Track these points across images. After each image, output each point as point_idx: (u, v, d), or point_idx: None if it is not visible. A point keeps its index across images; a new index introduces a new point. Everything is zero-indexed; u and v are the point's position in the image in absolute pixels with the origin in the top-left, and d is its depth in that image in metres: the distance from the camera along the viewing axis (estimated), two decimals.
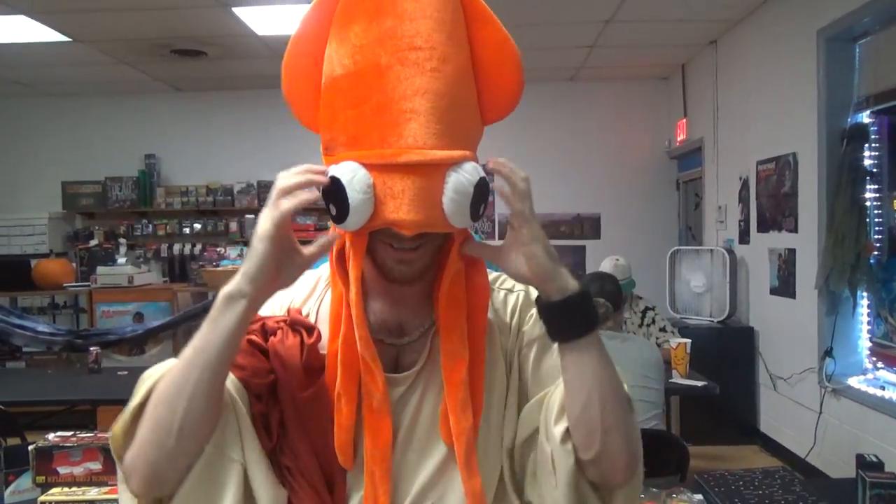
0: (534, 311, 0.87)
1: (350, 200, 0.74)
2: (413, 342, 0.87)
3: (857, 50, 3.54)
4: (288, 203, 0.73)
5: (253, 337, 0.84)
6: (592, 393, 0.77)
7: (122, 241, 5.81)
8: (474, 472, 0.80)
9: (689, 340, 3.22)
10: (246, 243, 6.16)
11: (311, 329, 0.86)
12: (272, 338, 0.85)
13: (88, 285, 5.21)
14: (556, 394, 0.82)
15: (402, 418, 0.84)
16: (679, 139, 5.91)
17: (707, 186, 5.39)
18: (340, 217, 0.76)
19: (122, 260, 5.35)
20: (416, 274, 0.83)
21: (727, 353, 4.45)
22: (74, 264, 5.70)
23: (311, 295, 0.94)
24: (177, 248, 6.34)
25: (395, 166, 0.74)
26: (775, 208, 4.17)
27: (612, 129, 6.27)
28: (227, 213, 6.39)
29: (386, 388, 0.82)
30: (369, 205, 0.75)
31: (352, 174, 0.74)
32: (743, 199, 4.66)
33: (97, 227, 6.40)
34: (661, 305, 4.80)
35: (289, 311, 0.90)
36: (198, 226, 6.39)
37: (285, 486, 0.79)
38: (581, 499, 0.79)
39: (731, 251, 4.72)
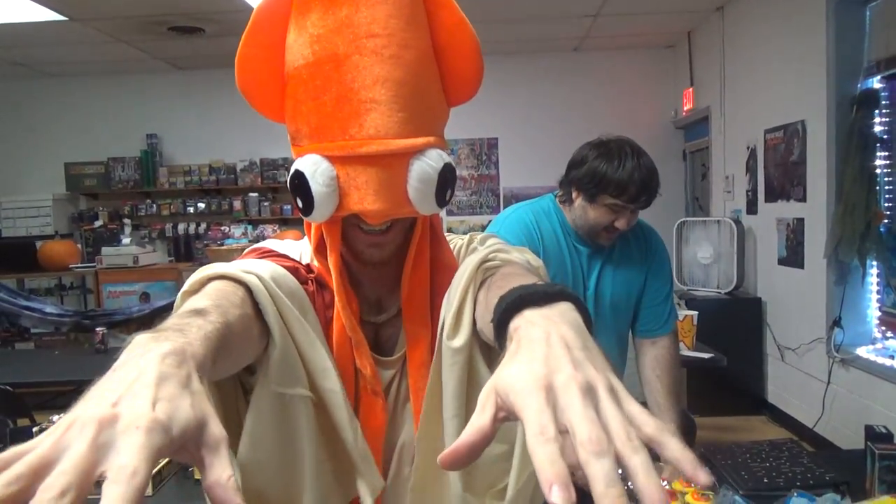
0: (470, 248, 0.89)
1: (314, 194, 0.75)
2: (390, 319, 0.88)
3: (868, 13, 3.45)
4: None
5: (299, 269, 0.84)
6: None
7: (127, 221, 5.81)
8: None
9: (695, 313, 3.19)
10: (250, 221, 6.16)
11: (327, 290, 0.86)
12: (305, 287, 0.85)
13: (94, 266, 5.23)
14: (450, 298, 0.78)
15: (389, 391, 0.87)
16: (686, 108, 5.83)
17: (714, 156, 5.32)
18: (307, 209, 0.77)
19: (126, 240, 5.36)
20: (387, 256, 0.84)
21: (735, 324, 4.43)
22: (80, 245, 5.71)
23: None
24: (181, 227, 6.34)
25: (358, 157, 0.74)
26: (783, 177, 4.11)
27: (617, 99, 6.19)
28: (230, 191, 6.37)
29: (376, 370, 0.83)
30: (333, 197, 0.75)
31: (314, 167, 0.75)
32: (751, 169, 4.60)
33: (101, 208, 6.40)
34: None
35: (309, 266, 0.89)
36: (202, 205, 6.38)
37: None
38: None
39: (738, 222, 4.67)
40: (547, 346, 0.47)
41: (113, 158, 6.36)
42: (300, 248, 0.94)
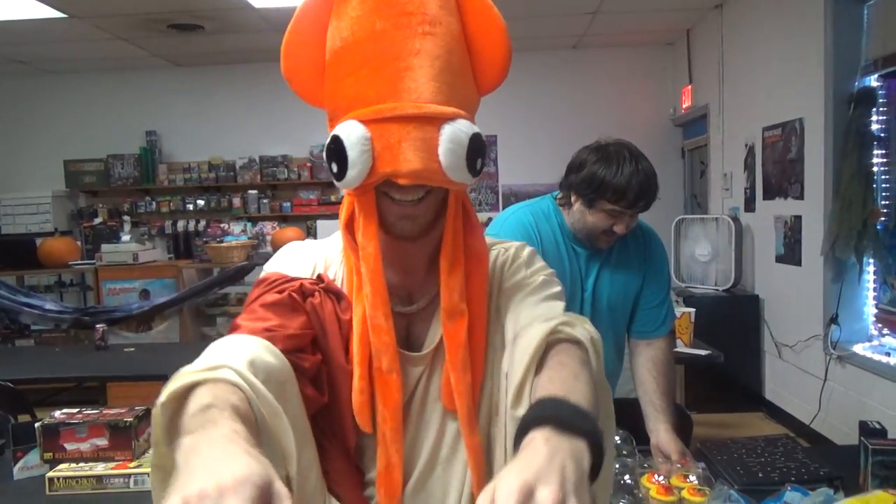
0: (516, 265, 0.92)
1: (348, 154, 0.77)
2: (422, 310, 0.90)
3: (866, 11, 3.46)
4: None
5: (294, 295, 0.85)
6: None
7: (127, 218, 5.82)
8: (474, 429, 0.83)
9: (692, 310, 3.21)
10: (249, 219, 6.17)
11: (340, 296, 0.88)
12: (311, 299, 0.87)
13: (94, 263, 5.23)
14: (516, 367, 0.79)
15: (417, 388, 0.88)
16: (684, 106, 5.84)
17: (712, 154, 5.34)
18: (341, 173, 0.79)
19: (126, 237, 5.36)
20: (419, 229, 0.85)
21: (733, 321, 4.45)
22: (79, 242, 5.72)
23: (318, 269, 0.95)
24: (181, 224, 6.35)
25: (392, 119, 0.77)
26: (781, 175, 4.12)
27: (616, 96, 6.19)
28: (229, 188, 6.38)
29: (396, 350, 0.83)
30: (367, 157, 0.77)
31: (349, 130, 0.77)
32: (749, 166, 4.61)
33: (101, 205, 6.41)
34: None
35: (320, 276, 0.92)
36: (201, 202, 6.39)
37: (318, 446, 0.82)
38: None
39: (736, 219, 4.68)
40: (546, 463, 0.54)
41: (112, 155, 6.36)
42: (320, 252, 0.95)
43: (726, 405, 4.44)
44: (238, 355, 0.72)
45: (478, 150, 0.79)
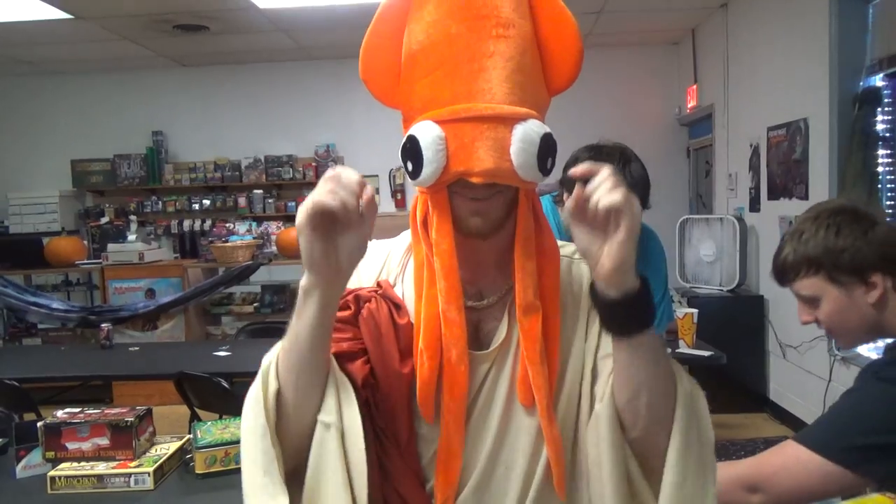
0: None
1: (423, 153, 0.80)
2: (491, 306, 0.91)
3: (871, 11, 3.45)
4: (322, 199, 0.75)
5: (343, 313, 0.89)
6: (640, 388, 0.81)
7: (133, 217, 5.85)
8: (553, 421, 0.85)
9: (695, 311, 3.20)
10: (255, 218, 6.20)
11: (398, 306, 0.91)
12: (367, 304, 0.90)
13: (100, 262, 5.27)
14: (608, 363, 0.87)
15: (483, 385, 0.89)
16: (690, 106, 5.82)
17: (717, 154, 5.32)
18: (416, 172, 0.81)
19: (132, 237, 5.40)
20: (490, 226, 0.87)
21: (737, 321, 4.44)
22: (86, 242, 5.76)
23: (385, 268, 0.98)
24: (186, 224, 6.38)
25: (466, 119, 0.79)
26: (786, 175, 4.11)
27: (621, 96, 6.18)
28: (235, 188, 6.40)
29: (465, 343, 0.85)
30: (441, 156, 0.80)
31: (424, 129, 0.80)
32: (753, 167, 4.59)
33: (107, 205, 6.44)
34: (671, 275, 4.78)
35: (379, 283, 0.94)
36: (206, 202, 6.41)
37: (374, 447, 0.85)
38: (622, 463, 0.83)
39: (740, 219, 4.67)
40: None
41: (119, 155, 6.40)
42: (383, 252, 0.98)
43: (731, 406, 4.43)
44: None
45: (549, 150, 0.82)
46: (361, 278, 0.96)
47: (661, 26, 5.66)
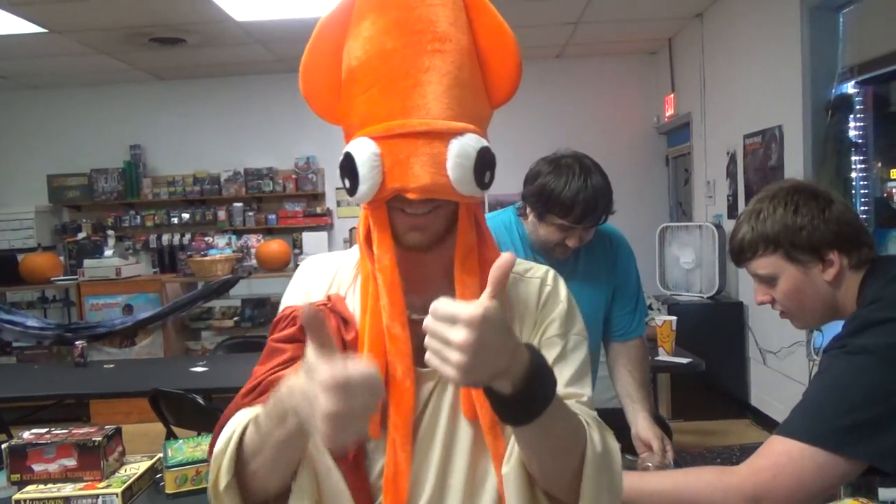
0: (555, 314, 0.93)
1: (359, 170, 0.80)
2: None
3: (841, 19, 3.50)
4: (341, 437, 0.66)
5: (288, 330, 0.90)
6: (544, 458, 0.79)
7: (111, 233, 5.78)
8: (499, 436, 0.85)
9: (674, 318, 3.21)
10: (235, 231, 6.14)
11: (346, 321, 0.90)
12: None
13: (76, 279, 5.19)
14: None
15: (429, 400, 0.88)
16: (667, 114, 5.87)
17: (695, 161, 5.36)
18: (353, 189, 0.82)
19: (109, 252, 5.33)
20: (430, 240, 0.86)
21: (717, 328, 4.45)
22: (62, 258, 5.67)
23: (336, 281, 0.97)
24: (165, 238, 6.31)
25: (401, 135, 0.80)
26: (762, 182, 4.14)
27: (600, 105, 6.22)
28: (214, 201, 6.35)
29: (411, 358, 0.84)
30: (377, 173, 0.80)
31: (360, 147, 0.81)
32: (731, 174, 4.63)
33: (85, 220, 6.36)
34: (651, 282, 4.80)
35: (329, 297, 0.93)
36: (186, 215, 6.35)
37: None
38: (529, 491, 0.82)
39: (719, 226, 4.70)
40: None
41: (96, 170, 6.32)
42: (333, 267, 0.96)
43: (712, 413, 4.44)
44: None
45: (486, 164, 0.81)
46: (311, 292, 0.96)
47: (638, 36, 5.71)
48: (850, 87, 3.44)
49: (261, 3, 4.34)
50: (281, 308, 0.97)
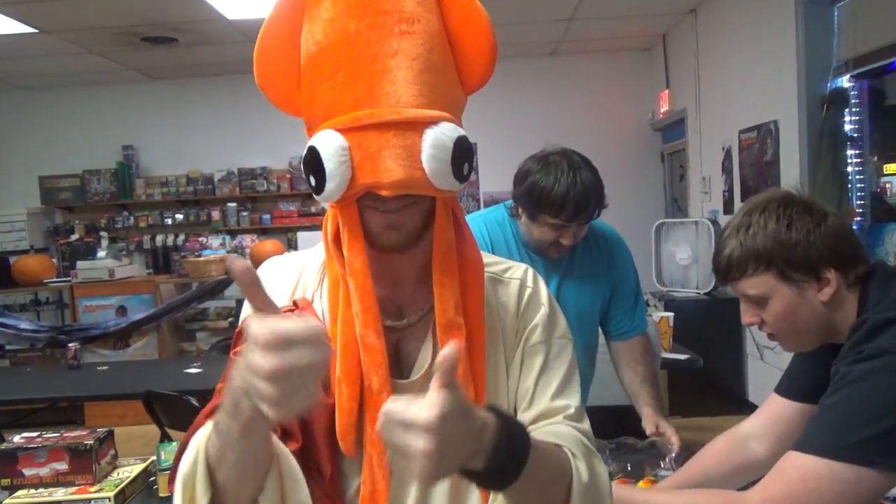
0: (537, 319, 0.88)
1: (325, 166, 0.73)
2: (412, 326, 0.85)
3: (836, 13, 3.49)
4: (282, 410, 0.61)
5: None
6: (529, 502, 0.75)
7: (104, 234, 5.74)
8: None
9: (671, 314, 3.20)
10: (229, 232, 6.11)
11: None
12: None
13: (69, 280, 5.15)
14: None
15: None
16: (662, 110, 5.86)
17: (691, 157, 5.35)
18: (319, 187, 0.75)
19: (102, 253, 5.29)
20: (406, 239, 0.80)
21: (714, 324, 4.44)
22: (55, 260, 5.63)
23: (300, 283, 0.90)
24: (159, 239, 6.27)
25: (370, 126, 0.72)
26: (758, 177, 4.13)
27: (595, 102, 6.21)
28: (208, 202, 6.32)
29: (387, 369, 0.79)
30: (345, 168, 0.73)
31: (325, 140, 0.73)
32: (726, 170, 4.62)
33: (77, 221, 6.32)
34: (648, 279, 4.78)
35: (296, 303, 0.86)
36: (179, 216, 6.32)
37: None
38: None
39: (715, 222, 4.69)
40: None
41: (88, 171, 6.28)
42: (297, 268, 0.90)
43: (711, 408, 4.43)
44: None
45: (464, 155, 0.75)
46: (273, 297, 0.85)
47: (632, 32, 5.69)
48: (845, 81, 3.43)
49: (253, 2, 4.31)
50: (241, 318, 0.87)
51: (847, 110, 3.39)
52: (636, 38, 5.92)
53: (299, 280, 0.90)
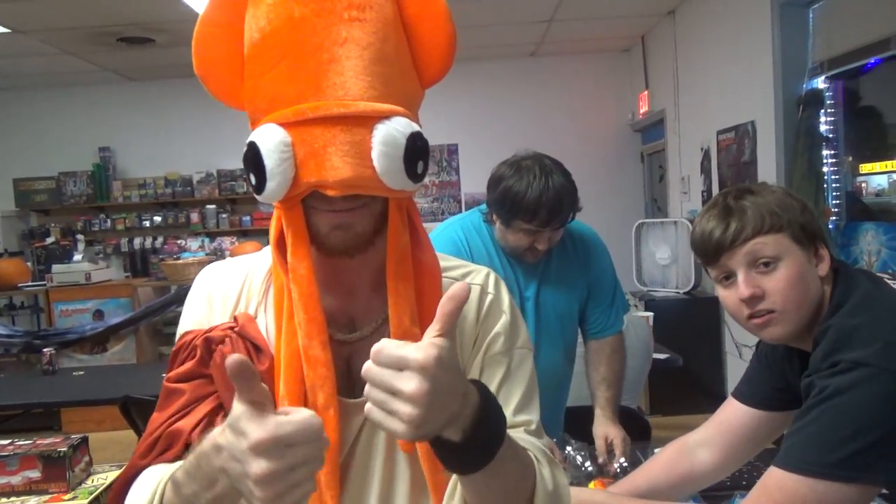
0: (498, 327, 0.83)
1: (266, 163, 0.67)
2: (366, 338, 0.79)
3: (811, 15, 3.53)
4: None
5: (186, 365, 0.77)
6: (490, 502, 0.72)
7: (80, 237, 5.66)
8: (439, 467, 0.72)
9: (651, 314, 3.22)
10: (208, 234, 6.05)
11: (259, 348, 0.77)
12: (220, 347, 0.76)
13: (44, 284, 5.07)
14: None
15: (361, 434, 0.78)
16: (642, 111, 5.90)
17: (670, 158, 5.39)
18: (260, 186, 0.69)
19: (78, 257, 5.22)
20: (356, 242, 0.74)
21: (694, 323, 4.48)
22: (30, 263, 5.54)
23: (244, 294, 0.83)
24: (137, 242, 6.20)
25: (314, 121, 0.67)
26: (736, 177, 4.17)
27: (575, 103, 6.23)
28: (187, 204, 6.25)
29: (333, 385, 0.73)
30: (288, 166, 0.68)
31: (266, 135, 0.68)
32: (705, 170, 4.66)
33: (53, 224, 6.22)
34: (628, 279, 4.81)
35: (236, 318, 0.80)
36: (158, 218, 6.25)
37: None
38: None
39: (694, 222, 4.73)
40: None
41: (64, 173, 6.19)
42: (240, 274, 0.84)
43: (690, 407, 4.44)
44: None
45: (418, 153, 0.69)
46: (213, 311, 0.82)
47: (612, 34, 5.73)
48: (820, 83, 3.47)
49: None
50: (179, 332, 0.82)
51: (822, 111, 3.43)
52: (615, 40, 5.95)
53: (242, 290, 0.83)
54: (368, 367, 0.58)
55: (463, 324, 0.82)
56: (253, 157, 0.68)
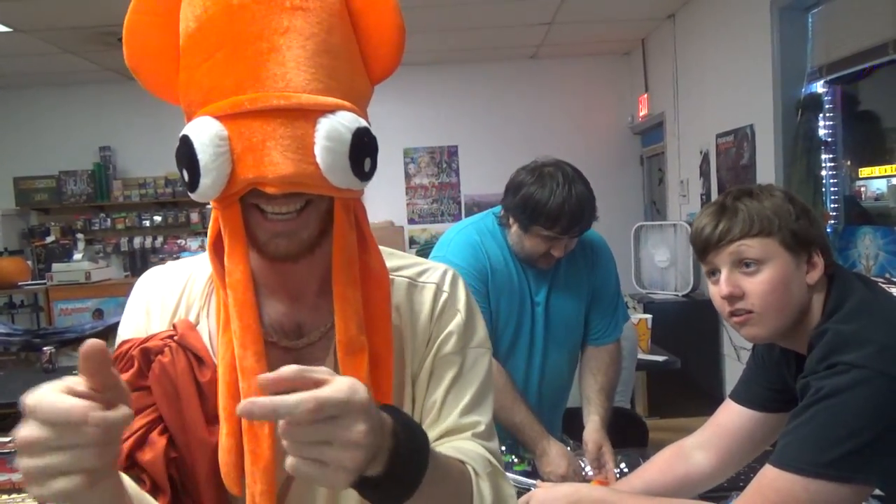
0: (451, 326, 0.80)
1: (199, 158, 0.63)
2: (312, 345, 0.76)
3: (810, 20, 3.55)
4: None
5: (124, 375, 0.71)
6: None
7: (80, 236, 5.67)
8: None
9: (649, 316, 3.23)
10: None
11: (200, 358, 0.73)
12: (159, 357, 0.72)
13: (44, 283, 5.08)
14: None
15: None
16: (641, 114, 5.91)
17: (669, 161, 5.40)
18: (193, 183, 0.65)
19: (78, 255, 5.23)
20: (298, 248, 0.70)
21: (692, 326, 4.49)
22: (30, 262, 5.55)
23: (184, 299, 0.80)
24: (137, 241, 6.21)
25: (253, 113, 0.63)
26: (735, 180, 4.18)
27: (575, 105, 6.25)
28: (187, 203, 6.25)
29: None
30: (224, 161, 0.63)
31: (200, 128, 0.64)
32: (704, 173, 4.68)
33: (53, 223, 6.23)
34: (627, 281, 4.82)
35: (175, 325, 0.76)
36: (158, 218, 6.25)
37: None
38: None
39: (692, 225, 4.74)
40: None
41: (64, 172, 6.20)
42: (181, 278, 0.80)
43: (689, 409, 4.46)
44: None
45: (365, 149, 0.65)
46: (151, 318, 0.78)
47: (612, 37, 5.74)
48: (819, 87, 3.49)
49: None
50: (117, 341, 0.78)
51: (821, 115, 3.45)
52: (616, 43, 5.97)
53: (182, 295, 0.80)
54: (290, 429, 0.52)
55: (416, 323, 0.79)
56: (186, 151, 0.64)
